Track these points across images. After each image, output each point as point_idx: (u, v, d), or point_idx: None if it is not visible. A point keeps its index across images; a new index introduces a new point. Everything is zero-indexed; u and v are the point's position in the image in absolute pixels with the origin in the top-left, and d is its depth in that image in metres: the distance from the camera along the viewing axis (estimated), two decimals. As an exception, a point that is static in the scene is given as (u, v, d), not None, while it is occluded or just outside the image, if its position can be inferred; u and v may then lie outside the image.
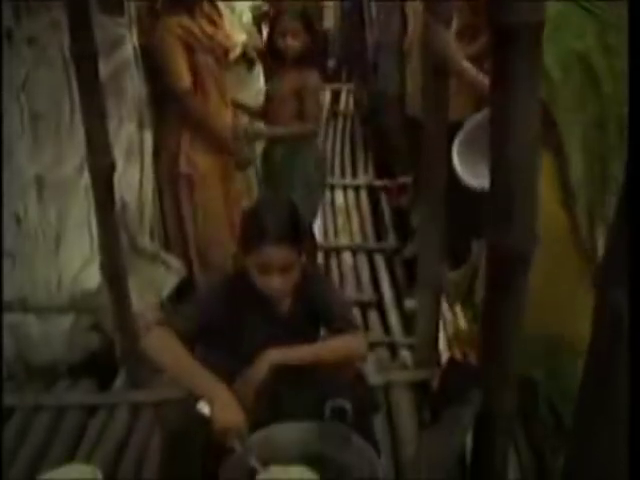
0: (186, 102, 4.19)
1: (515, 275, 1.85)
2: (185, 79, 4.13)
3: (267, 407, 2.40)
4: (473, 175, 3.39)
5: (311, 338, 2.61)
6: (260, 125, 4.41)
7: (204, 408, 2.26)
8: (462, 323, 3.88)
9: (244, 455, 2.24)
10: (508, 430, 2.20)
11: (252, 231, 2.44)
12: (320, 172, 4.59)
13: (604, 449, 1.63)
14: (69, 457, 3.15)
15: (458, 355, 3.60)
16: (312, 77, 4.28)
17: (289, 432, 2.40)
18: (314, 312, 2.59)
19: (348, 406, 2.28)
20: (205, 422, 2.22)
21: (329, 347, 2.53)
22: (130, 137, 4.20)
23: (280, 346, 2.42)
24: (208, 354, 2.40)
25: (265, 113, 4.40)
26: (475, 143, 3.37)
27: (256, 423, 2.34)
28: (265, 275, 2.42)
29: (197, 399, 2.27)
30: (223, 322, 2.50)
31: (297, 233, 2.48)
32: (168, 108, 4.29)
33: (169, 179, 4.35)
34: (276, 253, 2.38)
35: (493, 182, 1.84)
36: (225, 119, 4.41)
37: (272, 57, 4.35)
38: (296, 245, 2.44)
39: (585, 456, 1.72)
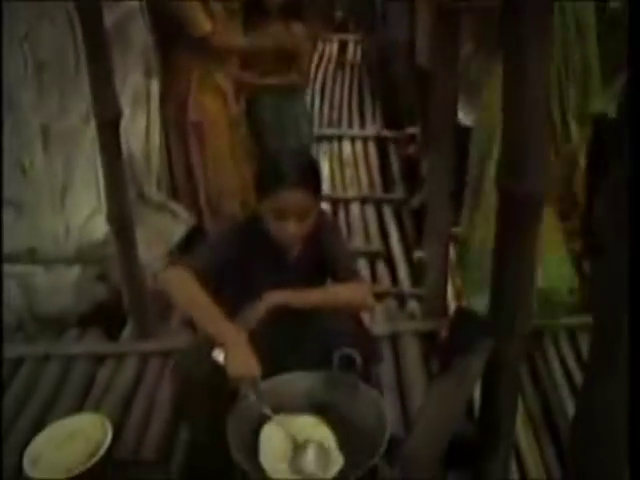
0: (213, 42, 4.13)
1: (528, 219, 1.83)
2: (206, 24, 4.08)
3: (272, 357, 2.40)
4: (464, 113, 3.75)
5: (318, 285, 2.59)
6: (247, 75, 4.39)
7: (219, 356, 2.24)
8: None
9: (255, 402, 2.24)
10: (516, 378, 2.20)
11: (271, 176, 2.41)
12: (309, 124, 4.59)
13: (608, 403, 1.63)
14: (78, 406, 3.18)
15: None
16: (298, 29, 4.28)
17: (297, 381, 2.40)
18: (321, 260, 2.57)
19: (356, 355, 2.28)
20: (219, 369, 2.21)
21: (332, 293, 2.52)
22: (136, 86, 4.16)
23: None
24: (217, 296, 2.38)
25: (247, 64, 4.37)
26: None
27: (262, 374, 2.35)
28: (281, 220, 2.39)
29: (212, 347, 2.26)
30: (233, 266, 2.48)
31: (315, 180, 2.46)
32: (177, 55, 4.23)
33: (177, 127, 4.31)
34: (294, 199, 2.36)
35: (506, 128, 1.81)
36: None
37: (254, 8, 4.30)
38: (313, 192, 2.42)
39: (592, 408, 1.72)
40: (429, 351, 3.41)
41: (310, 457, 2.17)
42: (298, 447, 2.20)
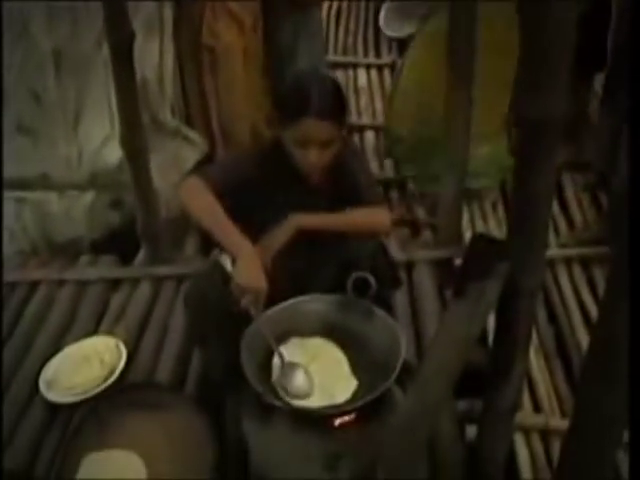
0: None
1: (546, 143, 1.80)
2: None
3: (290, 280, 2.40)
4: (392, 30, 6.08)
5: (337, 211, 2.58)
6: None
7: (227, 263, 2.24)
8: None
9: (261, 331, 2.25)
10: (532, 307, 2.18)
11: (294, 105, 2.35)
12: (322, 46, 4.54)
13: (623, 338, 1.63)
14: (92, 330, 3.21)
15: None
16: None
17: (311, 304, 2.41)
18: (343, 186, 2.54)
19: (372, 279, 2.27)
20: (231, 293, 2.21)
21: (354, 217, 2.50)
22: (148, 12, 4.08)
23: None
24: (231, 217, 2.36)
25: None
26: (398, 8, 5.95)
27: (279, 297, 2.35)
28: (304, 149, 2.36)
29: (224, 272, 2.26)
30: (249, 190, 2.46)
31: (339, 108, 2.41)
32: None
33: (191, 52, 4.25)
34: (318, 128, 2.32)
35: (524, 52, 1.77)
36: None
37: None
38: (338, 120, 2.38)
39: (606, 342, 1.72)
40: (443, 280, 3.40)
41: (298, 379, 2.20)
42: (285, 366, 2.22)
